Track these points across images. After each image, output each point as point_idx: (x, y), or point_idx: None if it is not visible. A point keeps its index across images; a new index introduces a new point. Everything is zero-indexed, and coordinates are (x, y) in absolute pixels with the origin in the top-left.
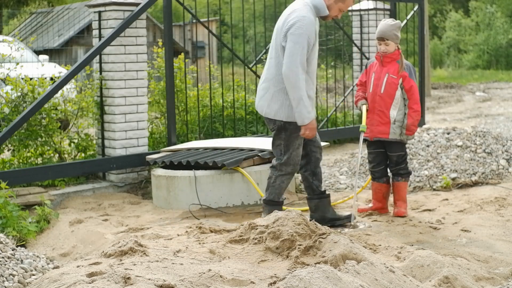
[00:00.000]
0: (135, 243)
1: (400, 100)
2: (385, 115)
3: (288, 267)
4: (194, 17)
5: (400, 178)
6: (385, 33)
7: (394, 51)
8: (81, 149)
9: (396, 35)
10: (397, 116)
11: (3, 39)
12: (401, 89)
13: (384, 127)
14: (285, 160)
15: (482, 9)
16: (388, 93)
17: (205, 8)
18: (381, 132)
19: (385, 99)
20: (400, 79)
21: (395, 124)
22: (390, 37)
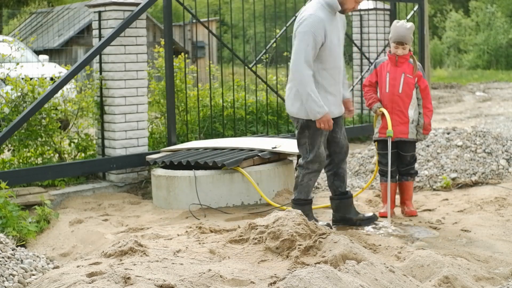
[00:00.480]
0: (135, 243)
1: (415, 99)
2: (404, 115)
3: (288, 267)
4: (194, 17)
5: (410, 178)
6: (404, 37)
7: (409, 52)
8: (81, 149)
9: (411, 37)
10: (414, 116)
11: (3, 39)
12: (415, 89)
13: (403, 127)
14: (312, 158)
15: (482, 9)
16: (406, 93)
17: (205, 8)
18: (401, 132)
19: (403, 99)
20: (415, 78)
21: (412, 124)
22: (408, 41)
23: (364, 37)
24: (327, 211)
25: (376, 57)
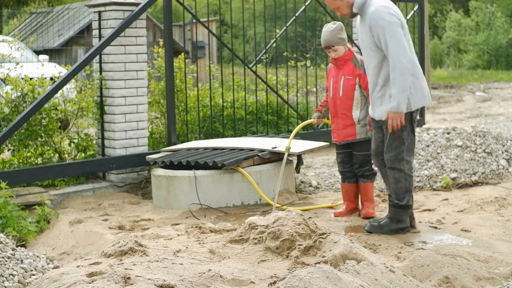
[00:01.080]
0: (135, 243)
1: (361, 99)
2: (349, 117)
3: (288, 267)
4: (194, 17)
5: (366, 180)
6: (329, 41)
7: (345, 53)
8: (81, 149)
9: (341, 38)
10: (361, 115)
11: (3, 39)
12: (359, 88)
13: (349, 129)
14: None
15: (482, 9)
16: (347, 95)
17: (205, 8)
18: (348, 134)
19: (345, 101)
20: (356, 78)
21: (359, 124)
22: (336, 43)
23: None
24: (328, 211)
25: None
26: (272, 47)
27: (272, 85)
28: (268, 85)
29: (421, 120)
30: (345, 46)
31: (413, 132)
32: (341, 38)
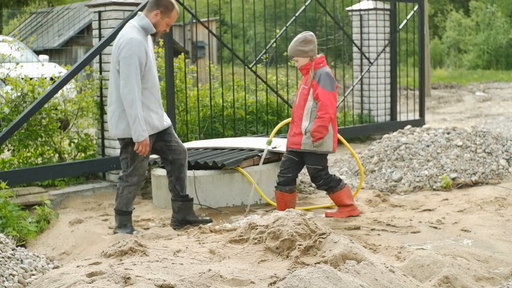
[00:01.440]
0: (135, 243)
1: (313, 111)
2: (299, 126)
3: (288, 267)
4: (194, 17)
5: (328, 191)
6: (290, 51)
7: (307, 63)
8: (81, 149)
9: (301, 50)
10: (308, 127)
11: (3, 39)
12: (312, 99)
13: (297, 138)
14: (130, 171)
15: (482, 9)
16: (300, 104)
17: (205, 8)
18: (294, 142)
19: (298, 110)
20: (310, 89)
21: (306, 135)
22: (295, 54)
23: (364, 37)
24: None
25: (376, 57)
26: (272, 47)
27: (272, 85)
28: (268, 85)
29: (421, 120)
30: (308, 57)
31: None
32: (301, 50)
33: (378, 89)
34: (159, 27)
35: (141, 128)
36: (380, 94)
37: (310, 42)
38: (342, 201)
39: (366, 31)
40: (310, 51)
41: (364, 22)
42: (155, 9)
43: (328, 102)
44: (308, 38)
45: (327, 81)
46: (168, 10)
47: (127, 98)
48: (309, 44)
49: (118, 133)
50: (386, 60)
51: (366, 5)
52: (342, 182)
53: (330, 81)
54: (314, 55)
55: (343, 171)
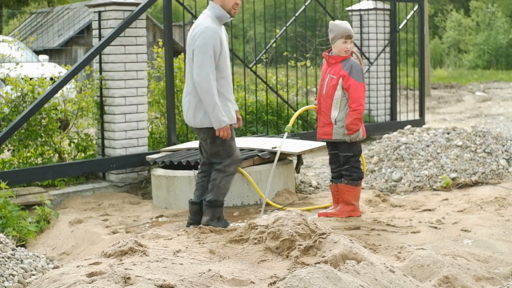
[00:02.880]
0: (135, 243)
1: (341, 100)
2: (328, 116)
3: (288, 267)
4: (194, 17)
5: (343, 180)
6: (351, 31)
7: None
8: (81, 149)
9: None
10: (338, 116)
11: (3, 39)
12: (342, 89)
13: (327, 128)
14: (229, 162)
15: (483, 9)
16: (329, 94)
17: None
18: (325, 133)
19: (326, 100)
20: (340, 79)
21: (337, 125)
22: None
23: (364, 37)
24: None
25: (376, 57)
26: (272, 47)
27: (272, 85)
28: (268, 85)
29: (421, 120)
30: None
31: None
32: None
33: (378, 89)
34: (228, 4)
35: (221, 114)
36: (380, 94)
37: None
38: (349, 196)
39: (366, 31)
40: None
41: (364, 22)
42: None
43: (359, 94)
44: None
45: (359, 72)
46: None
47: (202, 86)
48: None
49: (196, 123)
50: (386, 60)
51: (366, 5)
52: (361, 181)
53: (361, 72)
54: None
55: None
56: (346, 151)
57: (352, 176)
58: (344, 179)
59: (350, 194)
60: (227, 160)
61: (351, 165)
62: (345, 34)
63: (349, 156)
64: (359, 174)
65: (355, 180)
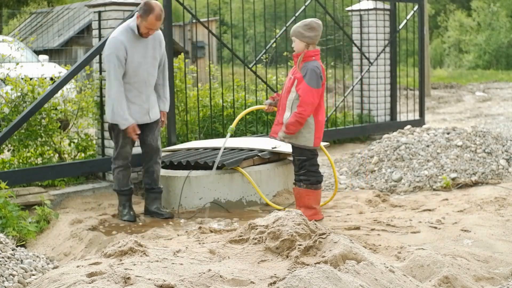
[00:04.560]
0: (135, 243)
1: (294, 102)
2: (281, 116)
3: (288, 267)
4: (194, 17)
5: (302, 184)
6: (291, 30)
7: (301, 50)
8: (81, 149)
9: (301, 32)
10: (286, 119)
11: (3, 39)
12: (295, 91)
13: (278, 127)
14: (116, 155)
15: (484, 9)
16: (285, 94)
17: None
18: (275, 131)
19: (283, 100)
20: (295, 80)
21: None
22: (294, 33)
23: (364, 37)
24: (327, 211)
25: (376, 57)
26: (272, 47)
27: (272, 85)
28: (268, 85)
29: (421, 120)
30: (305, 43)
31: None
32: (301, 32)
33: (378, 89)
34: (140, 29)
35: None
36: (380, 94)
37: (313, 29)
38: (310, 200)
39: (366, 31)
40: (309, 38)
41: (364, 22)
42: (137, 12)
43: (309, 99)
44: (312, 24)
45: (313, 77)
46: (146, 15)
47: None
48: (311, 31)
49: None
50: (386, 60)
51: (366, 5)
52: (320, 185)
53: (316, 77)
54: (310, 44)
55: (343, 171)
56: (298, 155)
57: (310, 180)
58: (303, 183)
59: (310, 198)
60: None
61: (307, 169)
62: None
63: (303, 160)
64: (317, 177)
65: (313, 184)
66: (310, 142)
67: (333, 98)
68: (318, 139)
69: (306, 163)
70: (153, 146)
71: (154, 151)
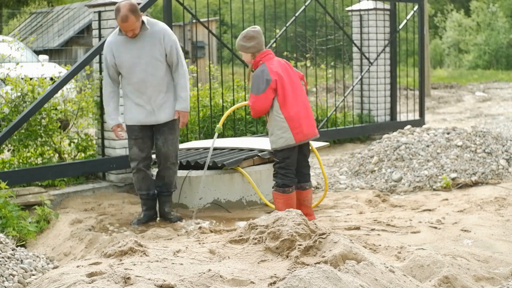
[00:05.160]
0: (135, 243)
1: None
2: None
3: (288, 267)
4: (194, 17)
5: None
6: (236, 45)
7: (249, 60)
8: (81, 149)
9: (242, 45)
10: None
11: (3, 39)
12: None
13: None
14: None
15: (483, 9)
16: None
17: (205, 8)
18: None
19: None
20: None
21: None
22: (238, 48)
23: (364, 37)
24: (328, 211)
25: (376, 57)
26: (272, 47)
27: None
28: None
29: (421, 120)
30: (250, 53)
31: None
32: (243, 45)
33: (378, 89)
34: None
35: (109, 118)
36: (380, 94)
37: (252, 38)
38: (279, 204)
39: (366, 31)
40: (252, 48)
41: (364, 22)
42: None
43: (253, 105)
44: (250, 34)
45: (254, 84)
46: (115, 17)
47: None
48: (251, 41)
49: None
50: (386, 60)
51: (366, 5)
52: (290, 190)
53: (257, 83)
54: (256, 52)
55: (343, 171)
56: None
57: (277, 183)
58: (273, 186)
59: (279, 201)
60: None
61: (277, 171)
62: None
63: (276, 162)
64: (284, 181)
65: (280, 187)
66: (291, 140)
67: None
68: (298, 134)
69: (277, 165)
70: (163, 151)
71: (162, 156)
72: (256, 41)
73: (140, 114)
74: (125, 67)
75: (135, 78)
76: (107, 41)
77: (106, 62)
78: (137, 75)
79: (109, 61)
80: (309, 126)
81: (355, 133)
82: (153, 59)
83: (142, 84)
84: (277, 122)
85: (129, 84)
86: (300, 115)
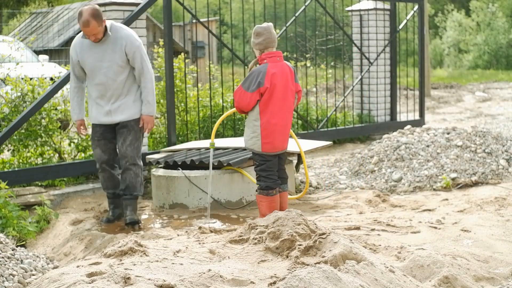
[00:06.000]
0: (135, 243)
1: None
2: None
3: (288, 267)
4: (194, 17)
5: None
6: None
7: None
8: (81, 149)
9: (253, 42)
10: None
11: (3, 39)
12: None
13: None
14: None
15: (483, 9)
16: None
17: (205, 8)
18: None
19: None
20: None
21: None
22: (251, 45)
23: (364, 37)
24: (328, 210)
25: (376, 57)
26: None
27: None
28: None
29: (421, 120)
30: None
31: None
32: (253, 42)
33: (378, 89)
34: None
35: (72, 112)
36: (380, 94)
37: (259, 34)
38: (262, 207)
39: (366, 31)
40: (259, 44)
41: (364, 22)
42: None
43: (238, 99)
44: (257, 30)
45: (248, 78)
46: (78, 21)
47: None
48: (258, 37)
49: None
50: (386, 60)
51: (366, 5)
52: (273, 192)
53: (250, 80)
54: (264, 49)
55: (343, 171)
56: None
57: (260, 186)
58: (256, 190)
59: (263, 204)
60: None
61: (259, 174)
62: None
63: (256, 165)
64: (267, 183)
65: (263, 190)
66: (257, 146)
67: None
68: (266, 145)
69: (257, 168)
70: (121, 152)
71: (122, 157)
72: (263, 38)
73: (99, 114)
74: (88, 69)
75: (96, 80)
76: (73, 41)
77: (72, 60)
78: (98, 77)
79: (74, 60)
80: (281, 140)
81: (355, 133)
82: (114, 64)
83: (102, 87)
84: (252, 124)
85: (91, 85)
86: (276, 128)
